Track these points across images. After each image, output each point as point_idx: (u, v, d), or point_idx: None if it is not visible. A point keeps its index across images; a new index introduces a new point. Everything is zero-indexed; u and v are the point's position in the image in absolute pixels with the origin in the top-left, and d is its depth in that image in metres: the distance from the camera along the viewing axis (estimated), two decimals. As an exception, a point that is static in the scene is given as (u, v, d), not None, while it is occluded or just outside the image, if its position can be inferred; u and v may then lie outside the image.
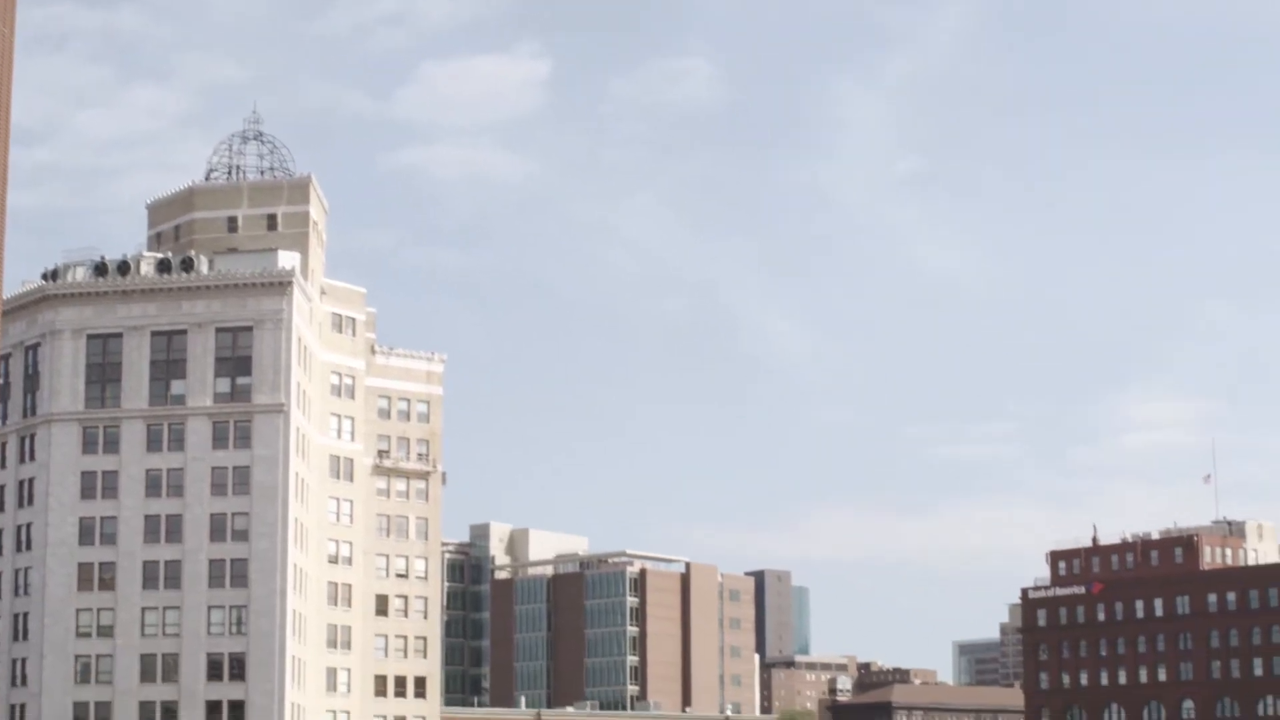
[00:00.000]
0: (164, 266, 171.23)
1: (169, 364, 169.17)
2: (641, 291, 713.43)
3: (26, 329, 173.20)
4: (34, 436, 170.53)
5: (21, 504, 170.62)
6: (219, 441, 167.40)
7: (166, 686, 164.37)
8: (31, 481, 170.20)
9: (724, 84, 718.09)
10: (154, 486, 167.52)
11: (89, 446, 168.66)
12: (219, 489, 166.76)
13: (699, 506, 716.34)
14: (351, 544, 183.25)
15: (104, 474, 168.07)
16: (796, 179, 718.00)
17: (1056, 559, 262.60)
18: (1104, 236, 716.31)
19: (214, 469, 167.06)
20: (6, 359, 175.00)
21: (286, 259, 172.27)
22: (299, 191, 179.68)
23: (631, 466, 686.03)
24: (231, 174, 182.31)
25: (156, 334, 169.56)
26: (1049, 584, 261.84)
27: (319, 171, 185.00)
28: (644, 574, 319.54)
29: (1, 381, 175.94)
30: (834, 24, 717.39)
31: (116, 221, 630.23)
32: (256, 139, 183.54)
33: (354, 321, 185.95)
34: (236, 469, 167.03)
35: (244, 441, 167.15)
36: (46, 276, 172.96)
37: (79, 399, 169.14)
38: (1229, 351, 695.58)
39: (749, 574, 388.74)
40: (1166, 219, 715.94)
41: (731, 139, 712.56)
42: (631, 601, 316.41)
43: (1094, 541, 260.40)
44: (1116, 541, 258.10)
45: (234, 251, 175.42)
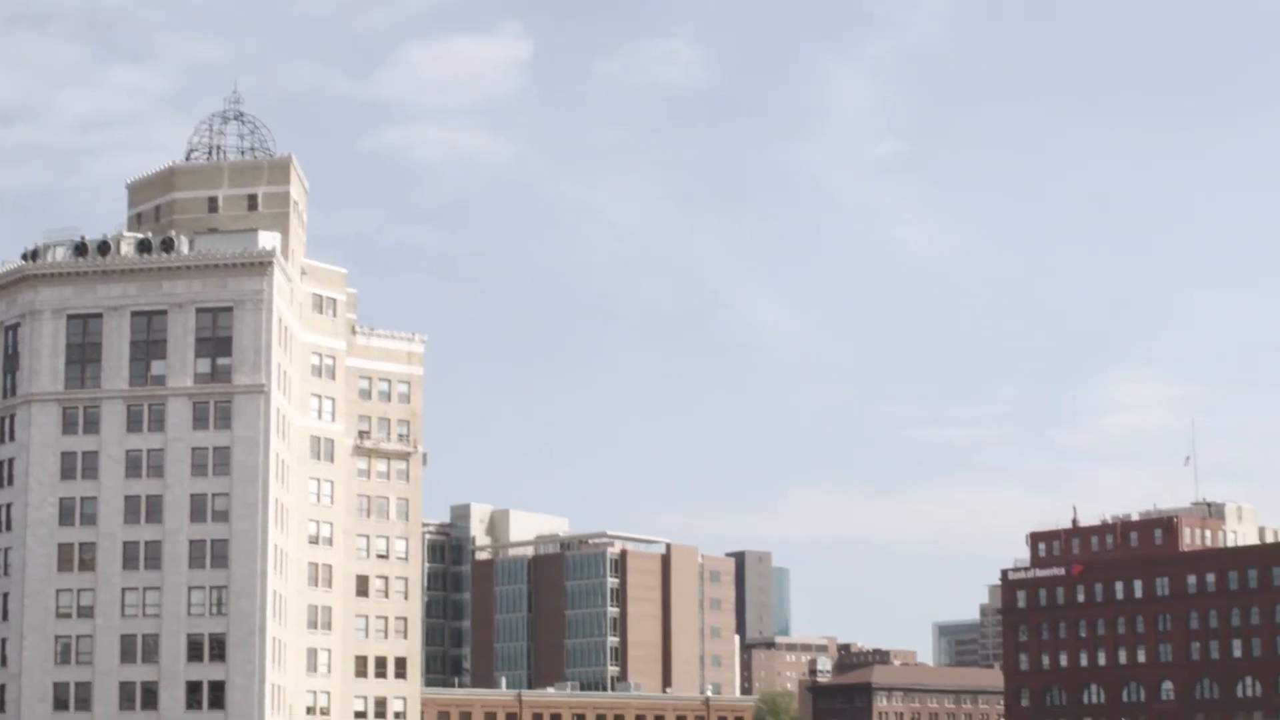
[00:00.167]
0: (144, 246, 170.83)
1: (149, 344, 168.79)
2: (623, 272, 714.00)
3: (6, 309, 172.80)
4: (13, 417, 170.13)
5: (1, 484, 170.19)
6: (199, 422, 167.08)
7: (147, 667, 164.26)
8: (11, 462, 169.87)
9: (706, 66, 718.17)
10: (134, 467, 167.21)
11: (69, 427, 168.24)
12: (199, 469, 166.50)
13: (680, 487, 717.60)
14: (332, 525, 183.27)
15: (84, 454, 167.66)
16: (779, 161, 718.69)
17: (1036, 540, 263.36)
18: (1086, 220, 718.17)
19: (194, 449, 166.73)
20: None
21: (267, 239, 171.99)
22: (279, 172, 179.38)
23: (612, 447, 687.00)
24: (212, 154, 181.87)
25: (137, 314, 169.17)
26: (1029, 565, 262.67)
27: (300, 152, 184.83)
28: (624, 555, 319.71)
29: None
30: (818, 6, 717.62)
31: (96, 201, 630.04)
32: (237, 119, 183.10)
33: (335, 302, 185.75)
34: (217, 449, 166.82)
35: (224, 422, 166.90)
36: (26, 256, 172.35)
37: (59, 379, 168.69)
38: (1209, 334, 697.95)
39: (729, 555, 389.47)
40: (1148, 203, 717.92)
41: (714, 121, 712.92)
42: (612, 582, 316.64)
43: (1074, 523, 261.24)
44: (1096, 523, 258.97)
45: (214, 232, 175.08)
